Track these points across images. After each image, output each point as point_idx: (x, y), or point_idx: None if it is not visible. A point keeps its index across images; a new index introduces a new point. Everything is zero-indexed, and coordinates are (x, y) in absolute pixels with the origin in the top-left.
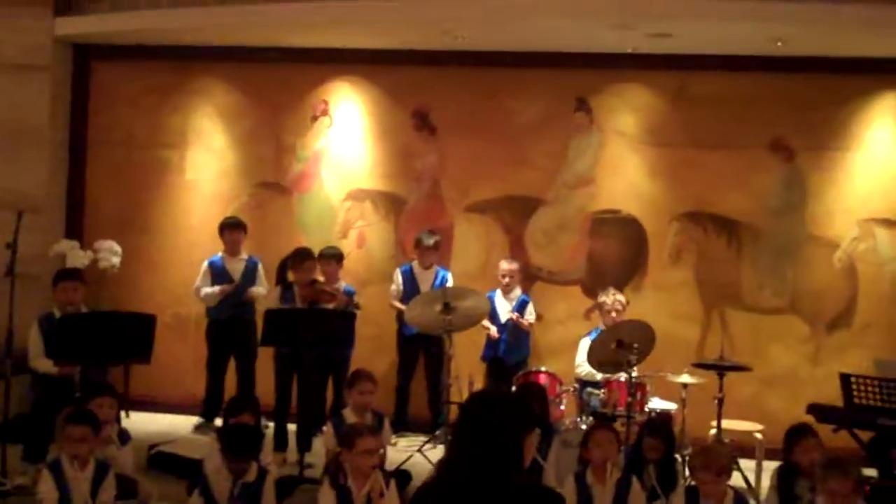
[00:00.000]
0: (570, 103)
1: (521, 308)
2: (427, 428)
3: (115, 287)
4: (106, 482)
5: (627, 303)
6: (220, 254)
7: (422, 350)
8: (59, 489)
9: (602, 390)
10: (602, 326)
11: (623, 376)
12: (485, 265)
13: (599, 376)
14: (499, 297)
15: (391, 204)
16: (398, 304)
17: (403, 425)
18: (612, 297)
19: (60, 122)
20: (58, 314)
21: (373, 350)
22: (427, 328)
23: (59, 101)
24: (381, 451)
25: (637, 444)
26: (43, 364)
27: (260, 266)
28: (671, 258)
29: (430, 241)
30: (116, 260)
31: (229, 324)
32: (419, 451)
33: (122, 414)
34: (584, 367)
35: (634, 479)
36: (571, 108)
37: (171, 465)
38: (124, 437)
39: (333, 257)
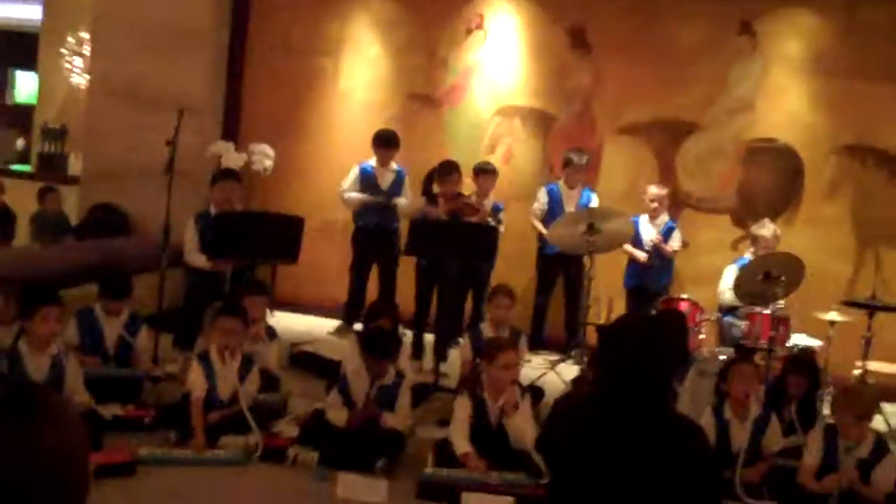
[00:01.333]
0: (734, 27)
1: (666, 234)
2: (562, 347)
3: (267, 189)
4: (251, 375)
5: (779, 235)
6: (371, 162)
7: (562, 270)
8: (206, 378)
9: (744, 322)
10: (749, 256)
11: (767, 309)
12: (631, 189)
13: (742, 305)
14: (644, 222)
15: (540, 122)
16: (538, 224)
17: (539, 343)
18: (769, 231)
19: (221, 25)
20: (213, 211)
21: (513, 266)
22: (569, 248)
23: (221, 4)
24: (519, 366)
25: (780, 379)
26: (197, 259)
27: (407, 178)
28: (827, 192)
29: (581, 160)
30: (269, 163)
31: (374, 231)
32: (553, 369)
33: (268, 312)
34: (727, 294)
35: (773, 416)
36: (734, 32)
37: (311, 364)
38: (271, 334)
39: (492, 172)
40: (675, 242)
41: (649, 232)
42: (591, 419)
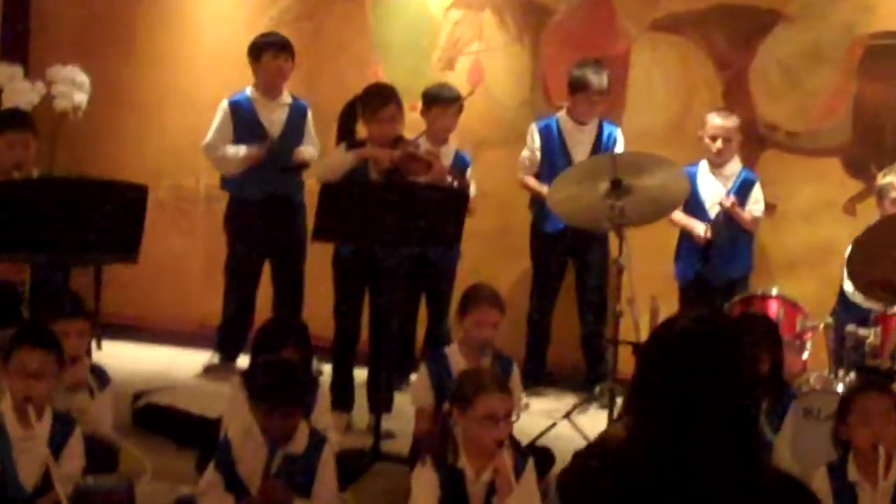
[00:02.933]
0: None
1: (741, 192)
2: (578, 382)
3: (80, 141)
4: (70, 446)
5: None
6: (248, 91)
7: (573, 257)
8: None
9: (873, 329)
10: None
11: None
12: (681, 120)
13: (870, 307)
14: (704, 172)
15: (528, 16)
16: (533, 183)
17: (541, 377)
18: None
19: None
20: None
21: (494, 255)
22: (583, 221)
23: None
24: (513, 416)
25: None
26: None
27: (310, 114)
28: None
29: (599, 79)
30: (81, 97)
31: (264, 207)
32: (567, 417)
33: (93, 344)
34: (847, 287)
35: None
36: None
37: (168, 424)
38: (100, 379)
39: (452, 102)
40: (756, 205)
41: (713, 189)
42: (631, 485)
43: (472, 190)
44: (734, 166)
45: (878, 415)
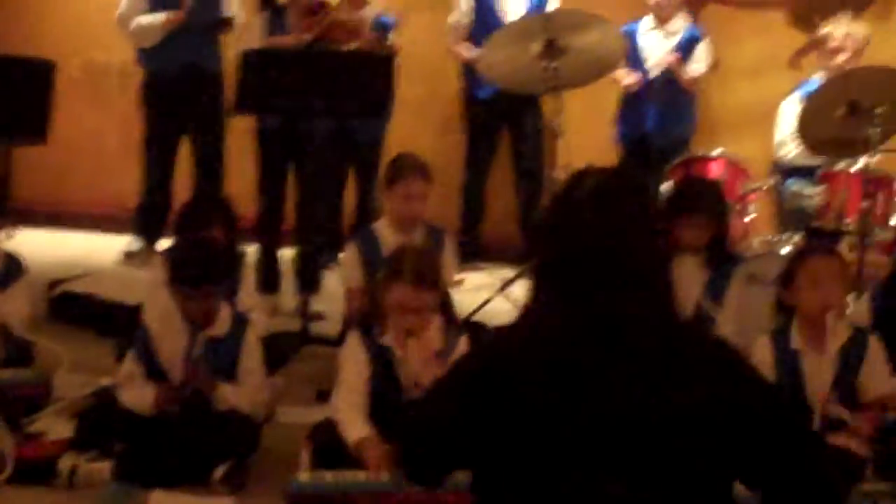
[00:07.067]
0: None
1: (684, 49)
2: (514, 255)
3: None
4: None
5: (867, 38)
6: None
7: (507, 124)
8: None
9: (819, 188)
10: (819, 78)
11: (856, 164)
12: None
13: (816, 163)
14: (645, 30)
15: None
16: (462, 50)
17: (476, 251)
18: (842, 29)
19: None
20: None
21: (422, 125)
22: (517, 84)
23: None
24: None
25: (890, 279)
26: None
27: None
28: None
29: None
30: None
31: (181, 80)
32: (502, 291)
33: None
34: (788, 148)
35: (872, 340)
36: None
37: (85, 313)
38: (12, 269)
39: None
40: (697, 64)
41: (656, 46)
42: (545, 360)
43: (398, 57)
44: (678, 23)
45: (827, 278)
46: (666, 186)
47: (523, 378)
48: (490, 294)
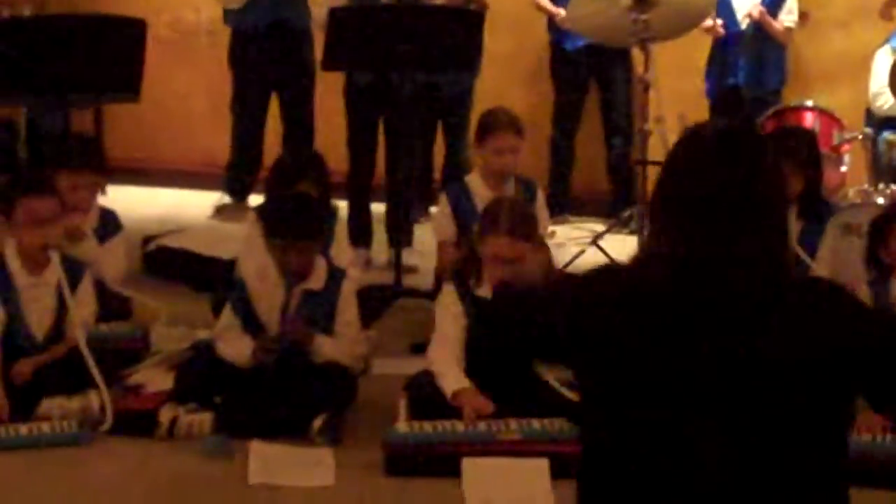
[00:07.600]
0: None
1: (773, 3)
2: (605, 207)
3: None
4: (80, 291)
5: None
6: None
7: (595, 77)
8: (3, 304)
9: None
10: None
11: None
12: None
13: None
14: None
15: None
16: (546, 3)
17: (566, 204)
18: None
19: None
20: None
21: (511, 79)
22: (605, 37)
23: None
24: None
25: None
26: None
27: None
28: None
29: None
30: None
31: (268, 37)
32: (595, 243)
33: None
34: (885, 98)
35: None
36: None
37: (180, 268)
38: (109, 225)
39: None
40: (788, 16)
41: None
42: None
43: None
44: None
45: None
46: None
47: (628, 308)
48: (582, 247)
